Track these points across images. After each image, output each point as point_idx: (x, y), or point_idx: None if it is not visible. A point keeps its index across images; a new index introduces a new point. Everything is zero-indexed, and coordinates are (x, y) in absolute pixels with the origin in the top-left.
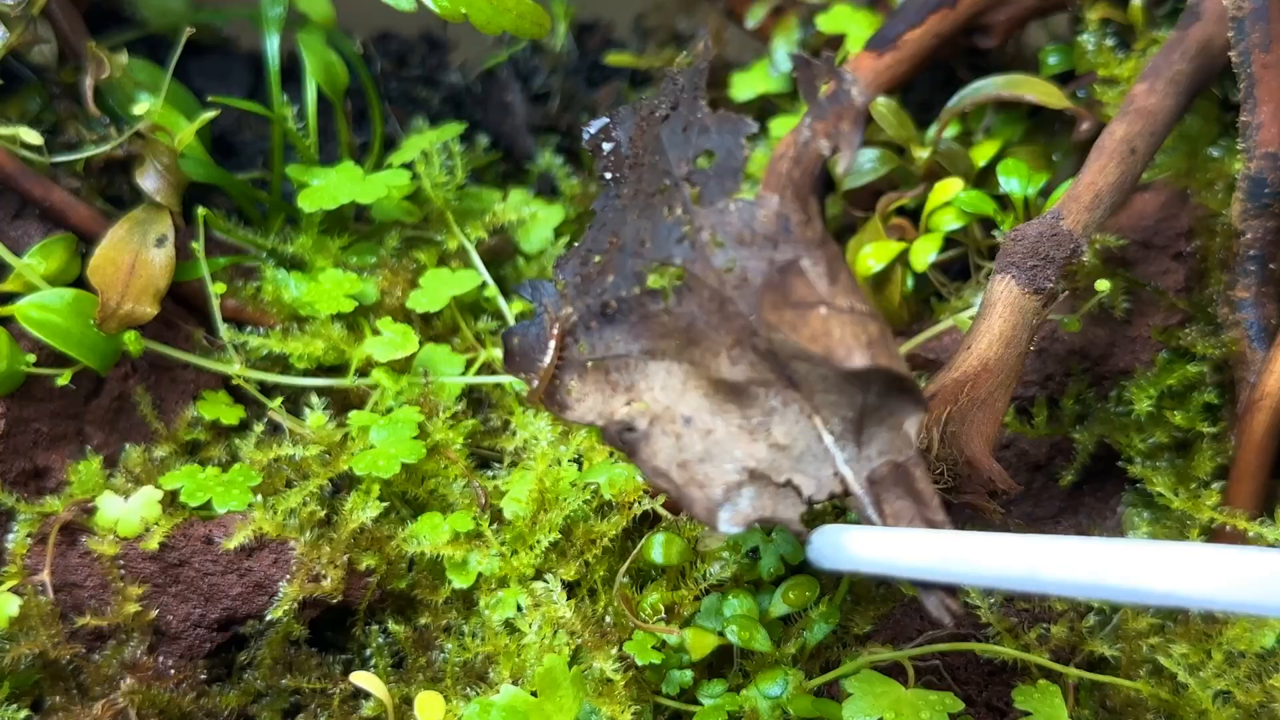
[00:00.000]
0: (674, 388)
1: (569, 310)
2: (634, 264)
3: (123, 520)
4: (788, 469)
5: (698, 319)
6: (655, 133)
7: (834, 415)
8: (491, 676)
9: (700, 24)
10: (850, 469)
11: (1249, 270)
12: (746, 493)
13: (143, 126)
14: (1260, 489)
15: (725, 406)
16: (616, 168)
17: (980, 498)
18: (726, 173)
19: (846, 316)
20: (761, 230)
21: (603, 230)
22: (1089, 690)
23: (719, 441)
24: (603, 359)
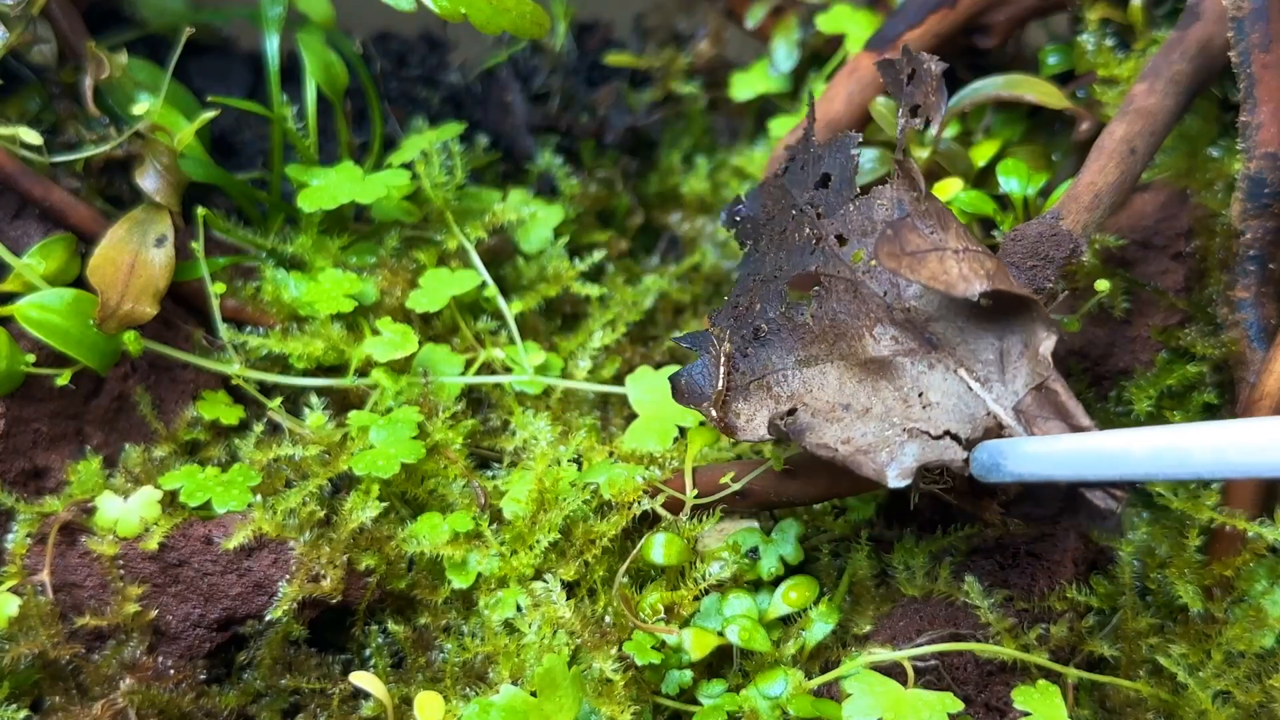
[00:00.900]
0: (830, 385)
1: (728, 345)
2: (776, 286)
3: (122, 520)
4: (944, 422)
5: (839, 312)
6: (779, 185)
7: (976, 362)
8: (491, 677)
9: (700, 24)
10: (1000, 406)
11: (1248, 270)
12: (910, 449)
13: (142, 126)
14: (1260, 489)
15: (878, 385)
16: (750, 232)
17: (980, 498)
18: (843, 184)
19: (962, 255)
20: (882, 217)
21: (747, 277)
22: (1088, 690)
23: (878, 415)
24: (762, 377)
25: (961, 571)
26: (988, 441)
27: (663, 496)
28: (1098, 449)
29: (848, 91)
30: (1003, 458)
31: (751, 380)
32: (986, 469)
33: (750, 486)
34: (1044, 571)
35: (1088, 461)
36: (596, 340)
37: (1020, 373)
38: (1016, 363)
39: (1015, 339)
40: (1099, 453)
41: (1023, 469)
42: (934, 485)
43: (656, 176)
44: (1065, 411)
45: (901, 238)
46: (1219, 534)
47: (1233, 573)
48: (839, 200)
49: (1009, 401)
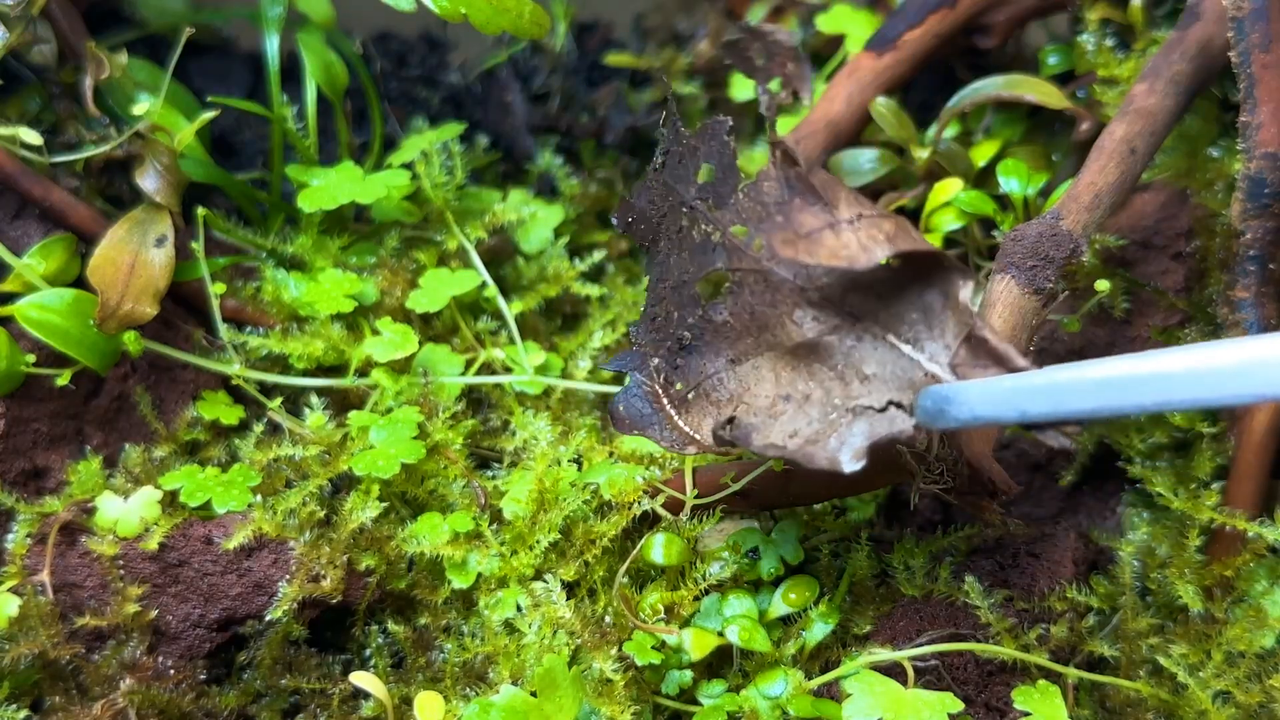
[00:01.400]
0: (766, 379)
1: (656, 360)
2: (689, 291)
3: (122, 520)
4: (885, 393)
5: (755, 305)
6: (661, 181)
7: (901, 324)
8: (491, 677)
9: (700, 24)
10: (936, 364)
11: (1249, 270)
12: (857, 429)
13: (142, 126)
14: (1260, 489)
15: (813, 368)
16: (646, 234)
17: (980, 498)
18: (725, 173)
19: (857, 225)
20: (770, 199)
21: (656, 284)
22: (1088, 690)
23: (819, 400)
24: (698, 385)
25: (961, 571)
26: (931, 387)
27: (663, 497)
28: (1044, 384)
29: (848, 92)
30: (947, 403)
31: (689, 391)
32: (932, 416)
33: (750, 486)
34: (1044, 571)
35: (1033, 397)
36: (597, 340)
37: (947, 326)
38: (941, 316)
39: (934, 293)
40: (1044, 388)
41: (968, 412)
42: (934, 485)
43: None
44: (1000, 356)
45: (793, 221)
46: (1219, 534)
47: (1233, 573)
48: (725, 190)
49: (943, 358)
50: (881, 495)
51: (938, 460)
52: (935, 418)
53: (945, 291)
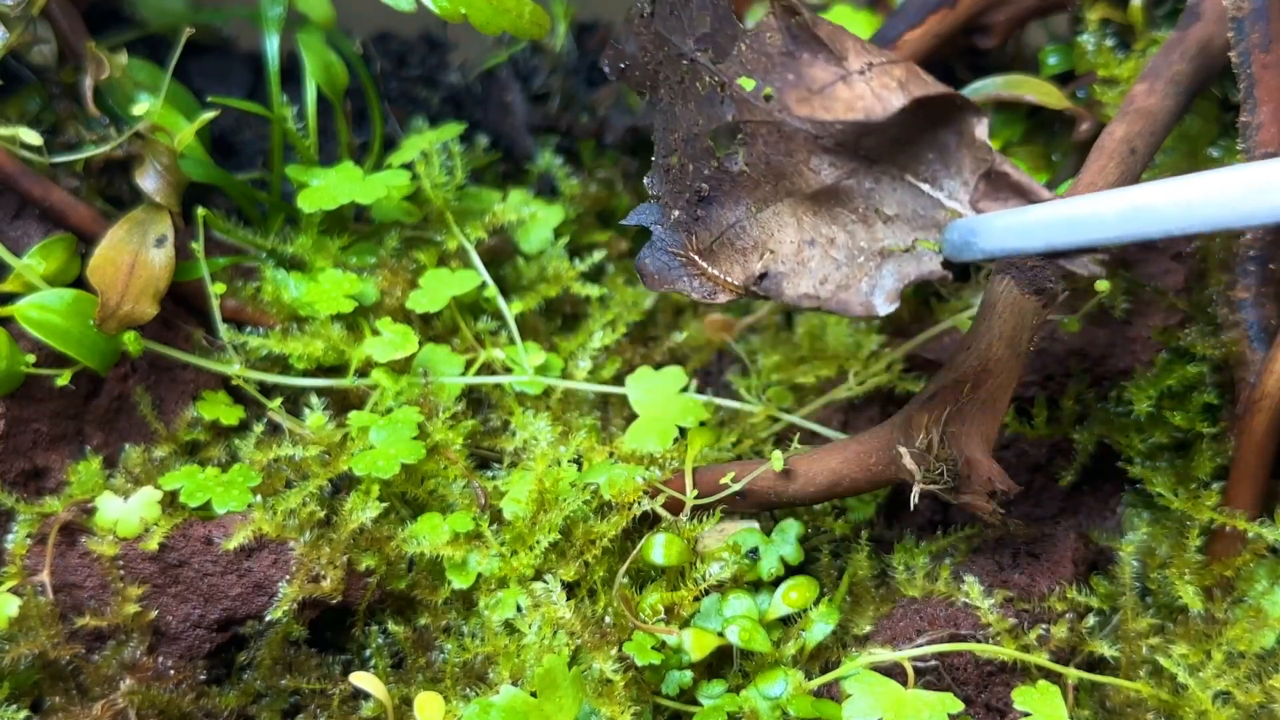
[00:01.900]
0: (789, 225)
1: (676, 213)
2: (701, 143)
3: (122, 521)
4: (909, 231)
5: (770, 155)
6: (653, 31)
7: (919, 164)
8: (491, 677)
9: None
10: (956, 201)
11: (1249, 271)
12: (888, 270)
13: (142, 127)
14: (1260, 489)
15: (835, 212)
16: (643, 81)
17: (980, 498)
18: (723, 23)
19: (868, 74)
20: (774, 48)
21: (664, 134)
22: (1089, 691)
23: (844, 244)
24: (721, 235)
25: (962, 572)
26: (957, 220)
27: (663, 497)
28: (1068, 214)
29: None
30: (974, 235)
31: (713, 241)
32: (958, 249)
33: (750, 487)
34: (1044, 572)
35: (1059, 227)
36: (597, 340)
37: (964, 163)
38: (957, 154)
39: (948, 132)
40: (1069, 218)
41: (995, 244)
42: (934, 485)
43: None
44: (1023, 189)
45: (804, 76)
46: (1219, 534)
47: (1233, 573)
48: (727, 41)
49: (964, 195)
50: (881, 495)
51: (938, 460)
52: (962, 250)
53: (960, 130)
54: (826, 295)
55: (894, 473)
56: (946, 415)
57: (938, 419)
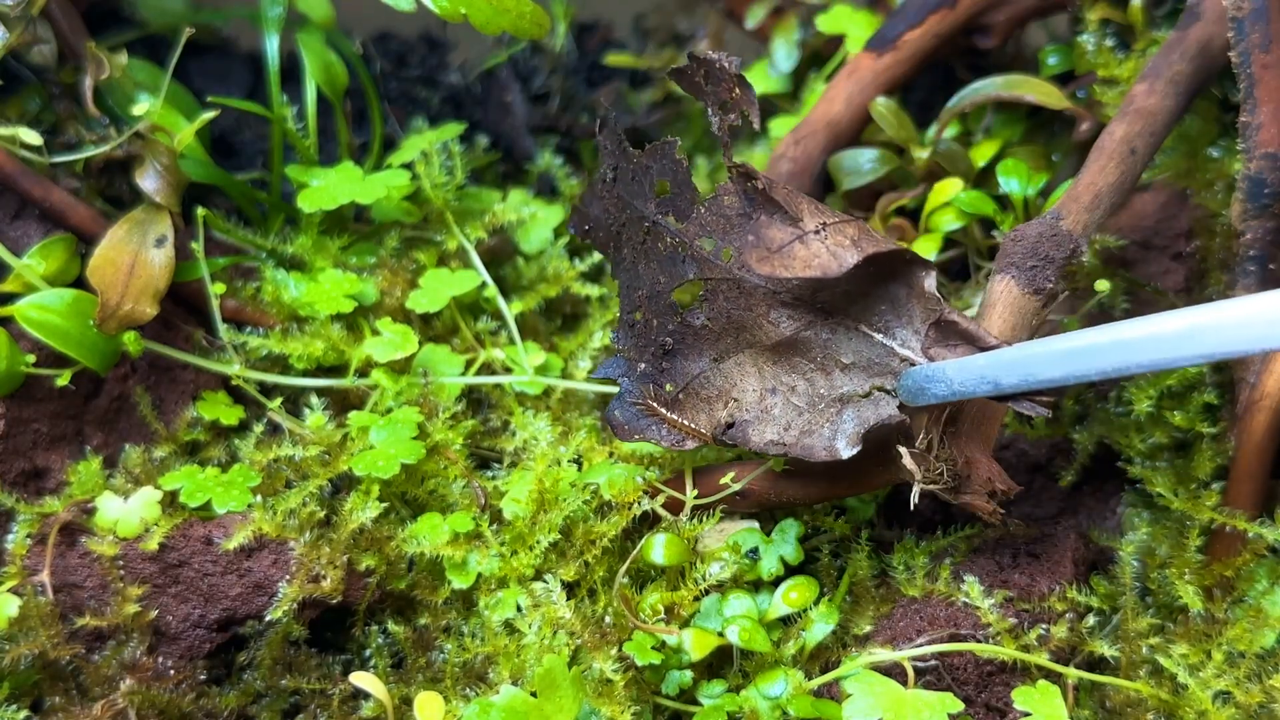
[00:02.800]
0: (750, 374)
1: (642, 366)
2: (664, 300)
3: (122, 521)
4: (866, 378)
5: (730, 310)
6: (615, 195)
7: (872, 315)
8: (491, 677)
9: (700, 24)
10: (908, 349)
11: (1249, 271)
12: (848, 415)
13: (142, 127)
14: (1260, 489)
15: (794, 361)
16: (606, 241)
17: (979, 498)
18: (681, 188)
19: (823, 234)
20: (732, 211)
21: (629, 291)
22: (1089, 691)
23: (804, 392)
24: (686, 385)
25: (961, 572)
26: (913, 369)
27: (662, 497)
28: (1015, 357)
29: (848, 92)
30: (928, 381)
31: (679, 391)
32: (913, 394)
33: (750, 487)
34: (1044, 572)
35: (1006, 369)
36: (596, 340)
37: (914, 313)
38: (907, 305)
39: (898, 285)
40: (1015, 360)
41: (946, 389)
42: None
43: None
44: (971, 336)
45: (762, 237)
46: (1219, 534)
47: (1233, 573)
48: (685, 204)
49: (915, 343)
50: (881, 495)
51: (937, 460)
52: (916, 395)
53: (910, 283)
54: (791, 441)
55: (894, 473)
56: (946, 415)
57: (938, 419)
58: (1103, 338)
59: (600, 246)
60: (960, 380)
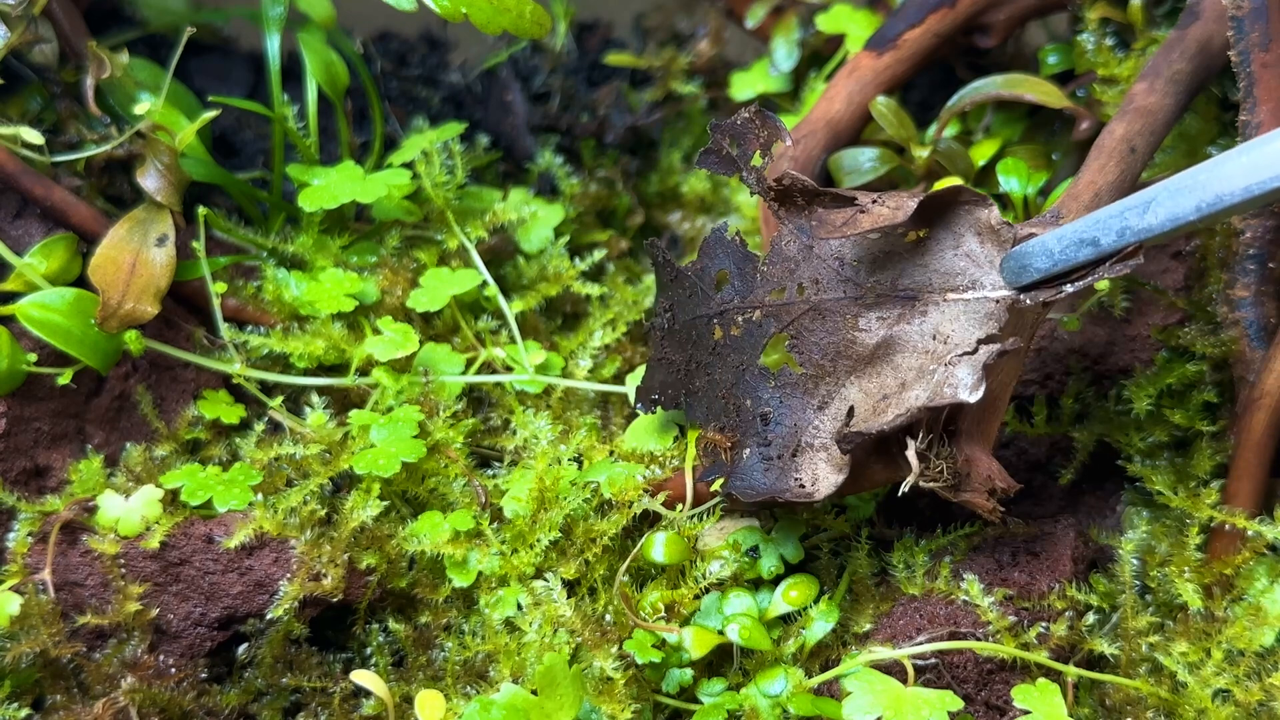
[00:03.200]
0: (858, 398)
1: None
2: (750, 377)
3: (123, 519)
4: (970, 335)
5: (821, 340)
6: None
7: (953, 278)
8: (492, 675)
9: (700, 23)
10: (1001, 290)
11: (1248, 269)
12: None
13: (143, 126)
14: (1259, 487)
15: (894, 360)
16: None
17: (979, 496)
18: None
19: (880, 202)
20: (793, 249)
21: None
22: (1088, 689)
23: (914, 378)
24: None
25: (961, 570)
26: (1012, 250)
27: (663, 495)
28: (1110, 213)
29: (848, 91)
30: (1029, 259)
31: (790, 450)
32: (1017, 274)
33: None
34: (1044, 570)
35: (1102, 227)
36: (597, 339)
37: (992, 255)
38: (982, 250)
39: (966, 235)
40: (1110, 216)
41: (1048, 261)
42: (934, 483)
43: (657, 176)
44: (1045, 223)
45: (827, 220)
46: (1219, 532)
47: (1232, 571)
48: (749, 276)
49: (998, 280)
50: (881, 494)
51: (938, 458)
52: (1020, 274)
53: (976, 227)
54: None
55: (893, 471)
56: (946, 414)
57: (938, 417)
58: (1198, 174)
59: (673, 404)
60: (1061, 249)
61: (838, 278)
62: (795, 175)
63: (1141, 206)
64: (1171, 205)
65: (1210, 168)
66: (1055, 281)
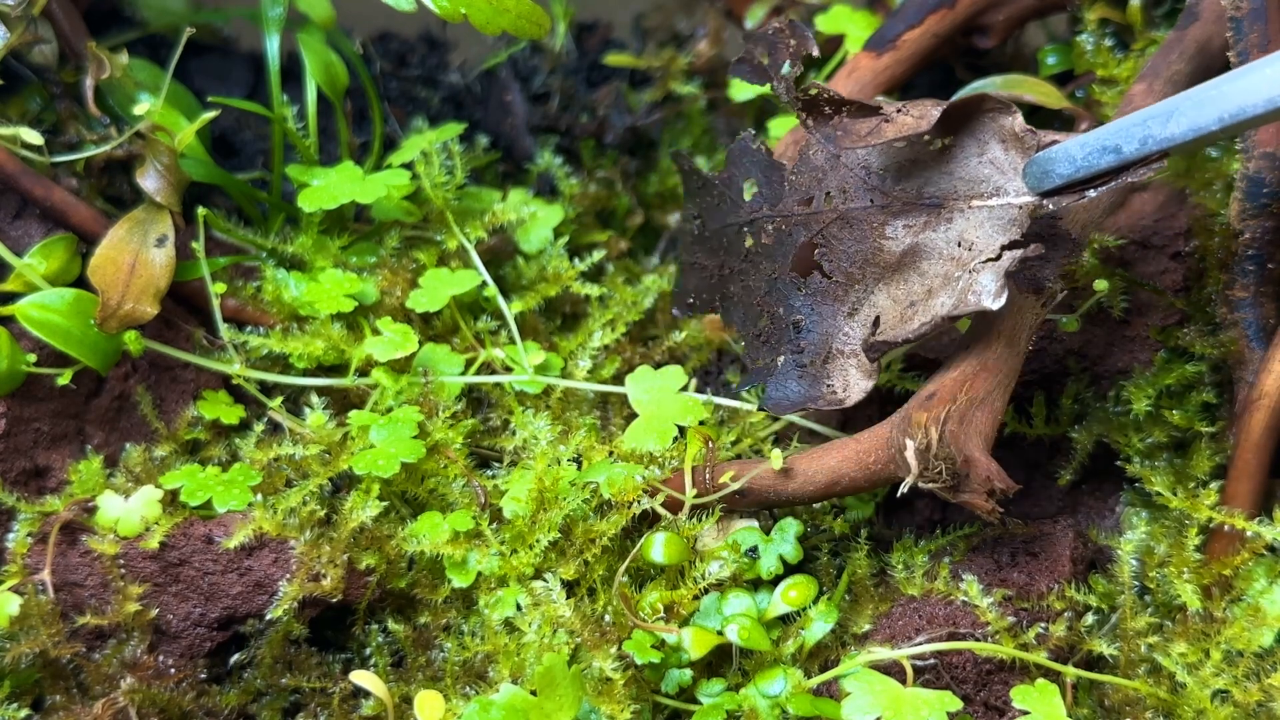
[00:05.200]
0: (885, 305)
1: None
2: (780, 286)
3: (123, 519)
4: (995, 242)
5: (848, 248)
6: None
7: (978, 185)
8: (491, 675)
9: (700, 24)
10: (1025, 197)
11: (1247, 270)
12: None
13: (143, 126)
14: (1258, 488)
15: (921, 267)
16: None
17: (978, 496)
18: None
19: (904, 111)
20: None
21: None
22: (1087, 689)
23: (940, 285)
24: (827, 350)
25: (960, 570)
26: (1035, 156)
27: (662, 495)
28: (1134, 120)
29: (847, 91)
30: (1052, 164)
31: (820, 358)
32: (1039, 179)
33: (749, 485)
34: (1043, 570)
35: (1125, 134)
36: (596, 340)
37: (1015, 162)
38: (1007, 157)
39: (989, 141)
40: (1135, 123)
41: (1071, 167)
42: (933, 484)
43: (656, 176)
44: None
45: (852, 129)
46: (1217, 533)
47: (1231, 571)
48: (777, 185)
49: (1020, 185)
50: (880, 494)
51: (936, 459)
52: (1042, 180)
53: (1000, 134)
54: (944, 313)
55: (893, 471)
56: (945, 414)
57: (937, 418)
58: (1221, 84)
59: (708, 308)
60: (1084, 155)
61: (864, 186)
62: (822, 86)
63: (1164, 116)
64: (1194, 115)
65: (1234, 79)
66: (1078, 187)
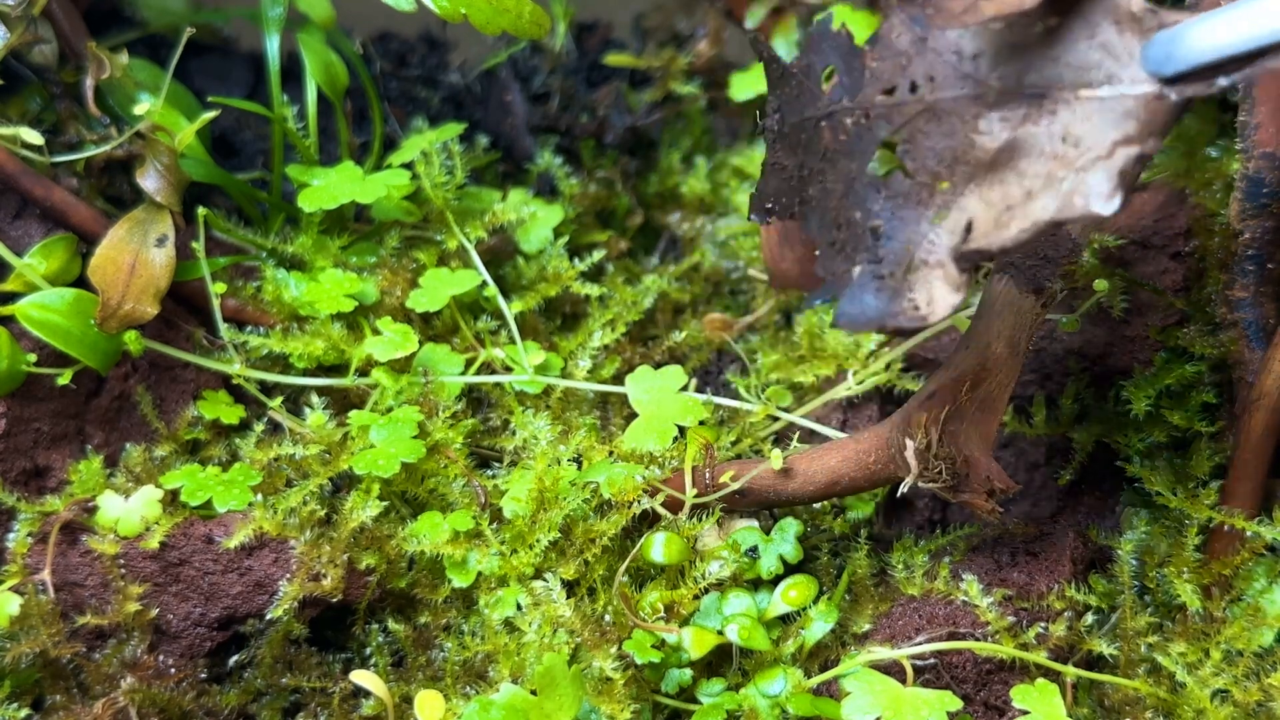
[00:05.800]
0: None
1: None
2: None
3: (123, 519)
4: (1105, 137)
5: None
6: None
7: (1086, 72)
8: (491, 675)
9: (700, 24)
10: (1140, 85)
11: (1247, 270)
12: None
13: (143, 126)
14: (1258, 488)
15: (1019, 166)
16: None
17: (978, 496)
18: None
19: None
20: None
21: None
22: (1087, 689)
23: (1041, 187)
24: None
25: (960, 570)
26: (1154, 37)
27: (662, 495)
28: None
29: None
30: (1174, 47)
31: (901, 269)
32: (1160, 64)
33: (749, 485)
34: (1043, 570)
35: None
36: (596, 340)
37: (1131, 45)
38: (1120, 40)
39: (1101, 21)
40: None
41: (1195, 55)
42: (933, 484)
43: (656, 176)
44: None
45: (942, 8)
46: (1217, 532)
47: (1231, 571)
48: (857, 74)
49: (1137, 71)
50: (880, 494)
51: (936, 459)
52: (1163, 64)
53: (1115, 16)
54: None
55: (893, 471)
56: (945, 414)
57: (937, 418)
58: None
59: (788, 213)
60: (1214, 36)
61: (955, 74)
62: None
63: None
64: None
65: None
66: (1206, 73)
